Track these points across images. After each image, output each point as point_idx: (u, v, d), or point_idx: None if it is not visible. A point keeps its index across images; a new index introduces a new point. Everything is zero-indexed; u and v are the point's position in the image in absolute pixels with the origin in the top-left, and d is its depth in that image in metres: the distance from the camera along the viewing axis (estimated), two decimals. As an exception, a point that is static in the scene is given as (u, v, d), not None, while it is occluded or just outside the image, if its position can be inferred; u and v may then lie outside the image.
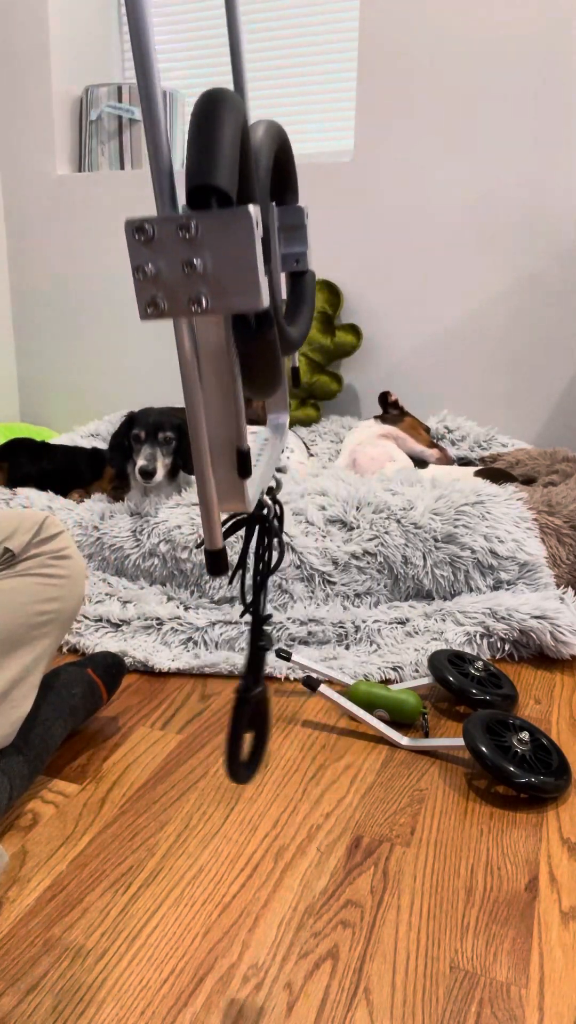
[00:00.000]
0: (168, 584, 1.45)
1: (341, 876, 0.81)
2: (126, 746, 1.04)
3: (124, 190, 2.54)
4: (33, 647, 0.92)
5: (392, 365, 2.34)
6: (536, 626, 1.27)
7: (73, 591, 0.97)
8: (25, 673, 0.90)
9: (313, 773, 0.99)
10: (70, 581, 0.97)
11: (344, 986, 0.67)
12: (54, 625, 0.94)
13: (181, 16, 2.63)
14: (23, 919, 0.74)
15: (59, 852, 0.83)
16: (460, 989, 0.68)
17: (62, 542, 0.98)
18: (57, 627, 0.95)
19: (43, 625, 0.93)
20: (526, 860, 0.84)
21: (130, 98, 2.51)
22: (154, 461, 1.49)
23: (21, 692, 0.89)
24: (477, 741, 0.94)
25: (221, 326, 0.40)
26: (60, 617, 0.95)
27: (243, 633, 1.32)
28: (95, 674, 1.07)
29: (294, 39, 2.48)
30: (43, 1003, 0.65)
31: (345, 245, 2.32)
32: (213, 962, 0.70)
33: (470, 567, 1.39)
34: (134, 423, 1.53)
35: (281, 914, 0.76)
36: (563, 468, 1.81)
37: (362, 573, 1.40)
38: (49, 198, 2.65)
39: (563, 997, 0.68)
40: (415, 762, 1.01)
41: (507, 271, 2.15)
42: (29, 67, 2.56)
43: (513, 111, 2.04)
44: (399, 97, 2.15)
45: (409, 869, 0.82)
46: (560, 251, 2.09)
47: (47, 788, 0.94)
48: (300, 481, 1.59)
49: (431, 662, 1.16)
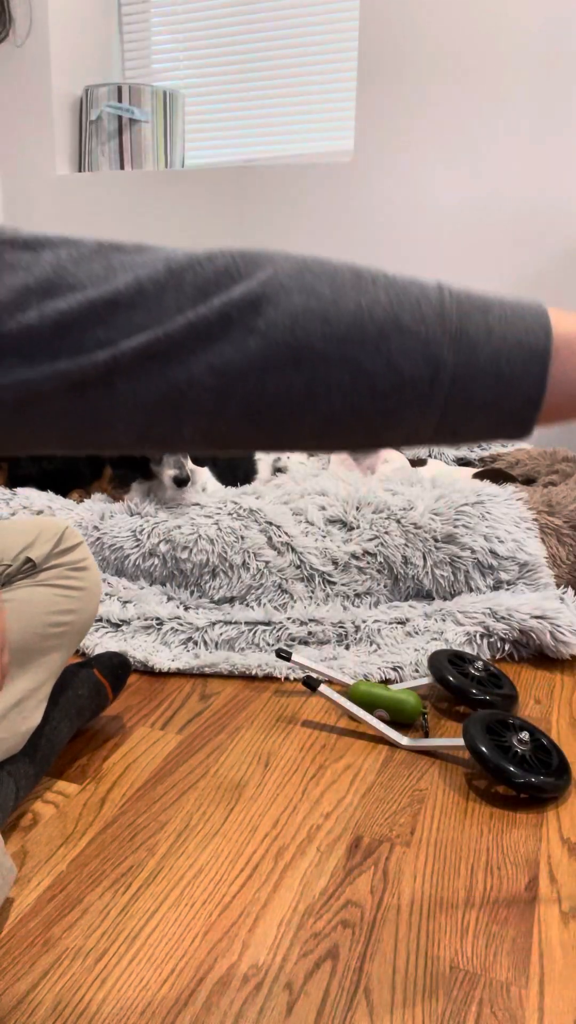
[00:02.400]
0: (168, 584, 1.45)
1: (341, 876, 0.81)
2: (126, 746, 1.04)
3: (124, 190, 2.54)
4: (46, 658, 0.91)
5: (392, 365, 2.34)
6: (536, 626, 1.27)
7: (89, 603, 0.97)
8: (37, 685, 0.89)
9: (313, 773, 0.99)
10: (87, 593, 0.96)
11: (344, 986, 0.68)
12: (67, 637, 0.94)
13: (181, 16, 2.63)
14: (23, 919, 0.74)
15: (59, 852, 0.83)
16: (460, 989, 0.68)
17: (81, 553, 0.97)
18: (70, 639, 0.94)
19: (57, 636, 0.92)
20: (526, 860, 0.84)
21: (130, 98, 2.51)
22: (183, 467, 1.48)
23: (32, 704, 0.88)
24: (477, 741, 0.94)
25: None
26: (73, 629, 0.95)
27: (243, 633, 1.32)
28: (100, 674, 1.07)
29: (294, 39, 2.48)
30: (43, 1003, 0.65)
31: (345, 245, 2.32)
32: (213, 962, 0.70)
33: (470, 567, 1.39)
34: None
35: (281, 914, 0.76)
36: (563, 468, 1.81)
37: (362, 573, 1.40)
38: (49, 198, 2.66)
39: (563, 997, 0.68)
40: (415, 762, 1.01)
41: (507, 271, 2.15)
42: (29, 67, 2.56)
43: (513, 111, 2.04)
44: (399, 97, 2.16)
45: (409, 869, 0.82)
46: (560, 251, 2.09)
47: (47, 788, 0.94)
48: (300, 481, 1.59)
49: (431, 662, 1.16)
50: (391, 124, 2.18)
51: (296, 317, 0.38)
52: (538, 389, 0.40)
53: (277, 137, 2.58)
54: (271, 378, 0.38)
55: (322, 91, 2.49)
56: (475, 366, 0.39)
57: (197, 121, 2.71)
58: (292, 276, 0.39)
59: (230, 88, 2.62)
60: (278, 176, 2.34)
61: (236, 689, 1.21)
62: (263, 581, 1.39)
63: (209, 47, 2.61)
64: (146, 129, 2.55)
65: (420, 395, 0.39)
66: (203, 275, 0.38)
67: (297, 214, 2.35)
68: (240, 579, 1.40)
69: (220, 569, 1.41)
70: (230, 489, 1.60)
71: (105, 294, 0.37)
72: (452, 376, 0.39)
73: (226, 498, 1.50)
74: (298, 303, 0.38)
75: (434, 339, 0.39)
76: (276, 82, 2.54)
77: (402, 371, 0.39)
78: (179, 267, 0.38)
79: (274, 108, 2.56)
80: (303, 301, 0.38)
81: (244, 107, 2.61)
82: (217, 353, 0.38)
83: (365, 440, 0.42)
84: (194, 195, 2.44)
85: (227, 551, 1.41)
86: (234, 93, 2.62)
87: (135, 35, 2.75)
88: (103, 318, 0.37)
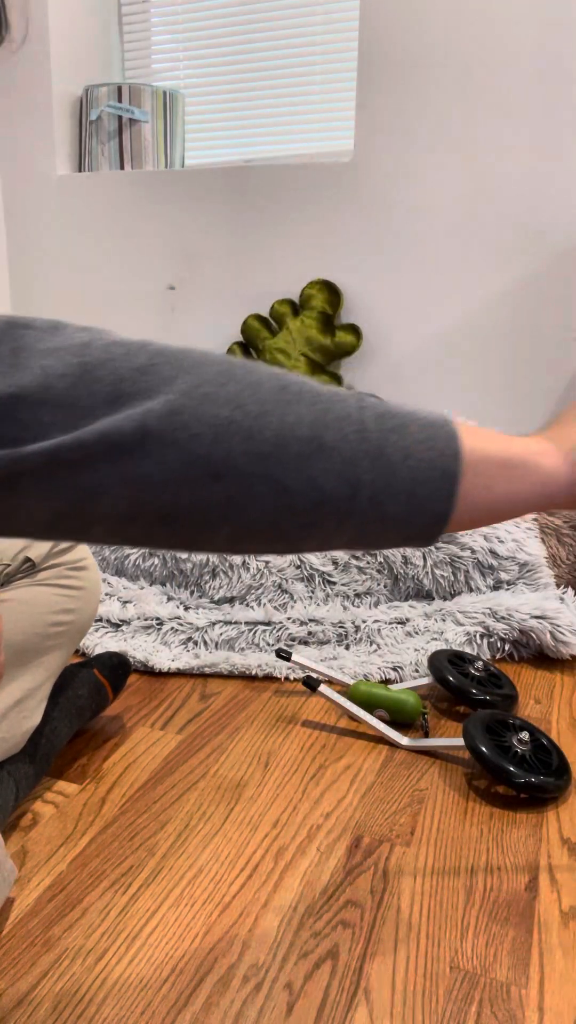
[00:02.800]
0: (168, 584, 1.45)
1: (341, 876, 0.81)
2: (126, 746, 1.04)
3: (124, 190, 2.54)
4: (46, 658, 0.91)
5: (392, 365, 2.34)
6: (536, 626, 1.27)
7: (89, 603, 0.97)
8: (37, 684, 0.89)
9: (313, 773, 0.99)
10: (87, 593, 0.96)
11: (344, 986, 0.67)
12: (67, 637, 0.94)
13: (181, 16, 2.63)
14: (23, 919, 0.74)
15: (59, 852, 0.83)
16: (460, 989, 0.68)
17: (80, 552, 0.97)
18: (70, 639, 0.94)
19: (57, 636, 0.92)
20: (526, 860, 0.84)
21: (130, 98, 2.51)
22: None
23: (32, 704, 0.88)
24: (477, 741, 0.94)
25: None
26: (73, 629, 0.95)
27: (243, 633, 1.32)
28: (101, 674, 1.07)
29: (294, 39, 2.48)
30: (43, 1003, 0.65)
31: (345, 245, 2.32)
32: (213, 962, 0.70)
33: (470, 567, 1.39)
34: None
35: (281, 914, 0.76)
36: (563, 468, 1.81)
37: (362, 573, 1.40)
38: (49, 198, 2.66)
39: (563, 997, 0.68)
40: (415, 762, 1.01)
41: (507, 270, 2.15)
42: (29, 67, 2.56)
43: (513, 111, 2.04)
44: (399, 97, 2.16)
45: (409, 869, 0.82)
46: (560, 251, 2.09)
47: (47, 788, 0.94)
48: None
49: (431, 662, 1.16)
50: (391, 124, 2.18)
51: (218, 431, 0.38)
52: (446, 508, 0.43)
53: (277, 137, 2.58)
54: (189, 491, 0.38)
55: (322, 91, 2.49)
56: (391, 486, 0.41)
57: (197, 121, 2.71)
58: (216, 385, 0.38)
59: (230, 88, 2.62)
60: (278, 176, 2.34)
61: (236, 689, 1.21)
62: (263, 581, 1.40)
63: (209, 47, 2.62)
64: (146, 129, 2.55)
65: (338, 511, 0.41)
66: (120, 374, 0.36)
67: (297, 214, 2.35)
68: (240, 579, 1.40)
69: (220, 569, 1.41)
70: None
71: (10, 388, 0.35)
72: (370, 495, 0.41)
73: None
74: (222, 416, 0.38)
75: (354, 459, 0.40)
76: (276, 82, 2.54)
77: (323, 489, 0.40)
78: (94, 362, 0.37)
79: (274, 108, 2.56)
80: (227, 414, 0.38)
81: (244, 107, 2.62)
82: (133, 465, 0.37)
83: (280, 548, 0.43)
84: (194, 195, 2.44)
85: (227, 551, 1.41)
86: (234, 93, 2.62)
87: (135, 35, 2.75)
88: (7, 413, 0.35)
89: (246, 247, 2.45)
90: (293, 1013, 0.65)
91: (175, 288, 2.57)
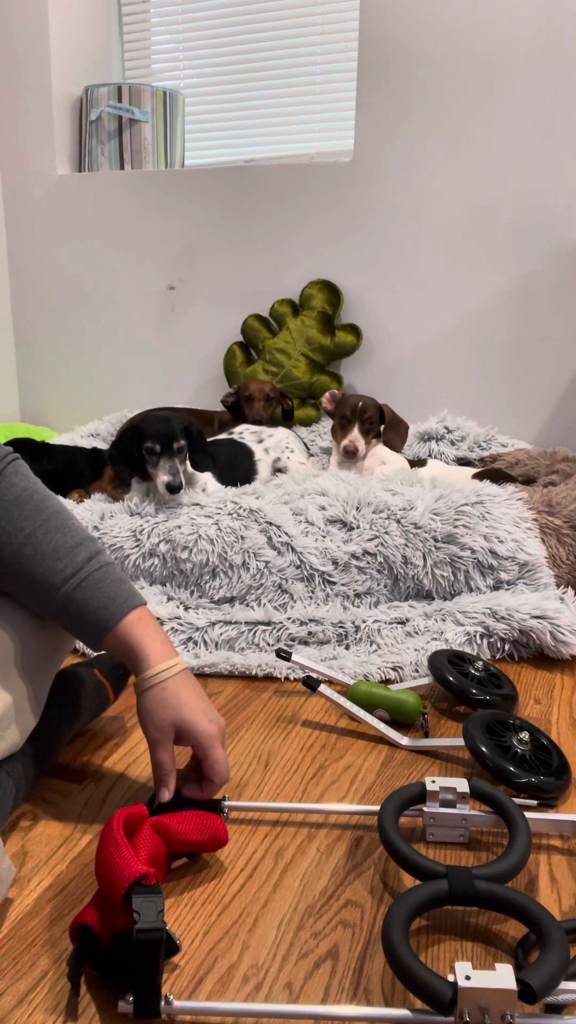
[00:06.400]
0: (168, 584, 1.45)
1: (341, 876, 0.81)
2: (126, 746, 1.04)
3: (124, 190, 2.54)
4: (45, 657, 0.91)
5: (392, 365, 2.34)
6: (536, 626, 1.27)
7: None
8: (37, 684, 0.89)
9: (313, 773, 0.99)
10: None
11: (344, 986, 0.68)
12: (66, 635, 0.94)
13: (181, 16, 2.63)
14: (23, 919, 0.74)
15: (59, 852, 0.83)
16: (460, 989, 0.68)
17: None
18: (69, 638, 0.94)
19: (57, 636, 0.92)
20: (526, 860, 0.84)
21: (130, 98, 2.51)
22: (178, 475, 1.49)
23: (32, 704, 0.88)
24: (477, 741, 0.94)
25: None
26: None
27: (243, 633, 1.32)
28: (102, 675, 1.07)
29: (294, 39, 2.48)
30: (43, 1003, 0.65)
31: (345, 245, 2.32)
32: (213, 962, 0.70)
33: (470, 567, 1.39)
34: (144, 435, 1.50)
35: (281, 914, 0.76)
36: (563, 468, 1.81)
37: (362, 573, 1.40)
38: (49, 198, 2.66)
39: (563, 997, 0.67)
40: (415, 762, 1.01)
41: (507, 271, 2.15)
42: (29, 67, 2.56)
43: (513, 111, 2.04)
44: (399, 97, 2.16)
45: (409, 869, 0.82)
46: (560, 251, 2.09)
47: (47, 788, 0.94)
48: (300, 481, 1.59)
49: (431, 662, 1.16)
50: (391, 124, 2.18)
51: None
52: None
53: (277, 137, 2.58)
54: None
55: (322, 91, 2.49)
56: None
57: (197, 121, 2.71)
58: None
59: (230, 88, 2.62)
60: (278, 176, 2.34)
61: (236, 689, 1.21)
62: (263, 581, 1.40)
63: (209, 47, 2.62)
64: (146, 129, 2.55)
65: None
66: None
67: (297, 214, 2.35)
68: (240, 579, 1.40)
69: (220, 569, 1.41)
70: (230, 489, 1.60)
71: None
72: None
73: (226, 498, 1.50)
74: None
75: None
76: (276, 82, 2.54)
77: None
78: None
79: (274, 108, 2.57)
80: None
81: (244, 107, 2.62)
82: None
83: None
84: (194, 195, 2.44)
85: (227, 551, 1.41)
86: (234, 93, 2.62)
87: (135, 35, 2.75)
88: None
89: (246, 247, 2.44)
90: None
91: (175, 288, 2.57)
